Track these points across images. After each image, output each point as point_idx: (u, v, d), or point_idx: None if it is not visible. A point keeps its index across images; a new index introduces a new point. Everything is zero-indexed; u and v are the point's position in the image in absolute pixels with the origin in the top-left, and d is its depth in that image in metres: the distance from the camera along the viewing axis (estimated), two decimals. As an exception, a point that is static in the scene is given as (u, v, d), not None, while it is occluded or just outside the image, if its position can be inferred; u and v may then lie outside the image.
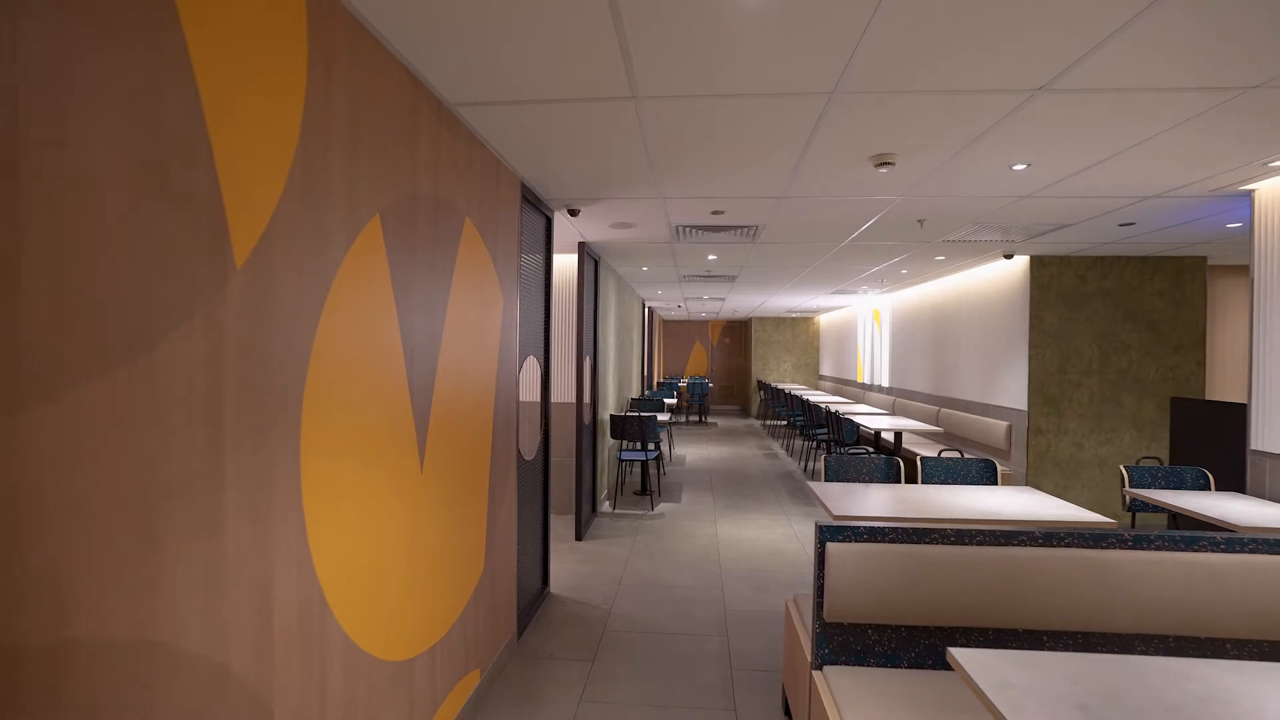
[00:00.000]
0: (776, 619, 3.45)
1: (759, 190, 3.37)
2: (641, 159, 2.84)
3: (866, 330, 10.43)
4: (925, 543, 2.03)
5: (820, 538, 2.06)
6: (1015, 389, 5.58)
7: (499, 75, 1.99)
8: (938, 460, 3.57)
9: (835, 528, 2.06)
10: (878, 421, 6.27)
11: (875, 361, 9.88)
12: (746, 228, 4.37)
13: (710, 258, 5.78)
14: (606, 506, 5.96)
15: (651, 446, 6.01)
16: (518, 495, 3.20)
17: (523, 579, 3.32)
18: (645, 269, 6.55)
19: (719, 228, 4.36)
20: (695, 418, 14.22)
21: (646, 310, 11.23)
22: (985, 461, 3.56)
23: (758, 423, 13.59)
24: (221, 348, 1.18)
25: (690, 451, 9.40)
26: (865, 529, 2.05)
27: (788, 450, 9.64)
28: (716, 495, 6.51)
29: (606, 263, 5.99)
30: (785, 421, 11.41)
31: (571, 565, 4.32)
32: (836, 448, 6.93)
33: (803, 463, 8.45)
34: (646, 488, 6.41)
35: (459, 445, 2.39)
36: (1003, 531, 2.02)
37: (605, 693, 2.69)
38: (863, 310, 10.62)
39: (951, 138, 2.52)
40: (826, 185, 3.26)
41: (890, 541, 2.04)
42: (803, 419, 8.80)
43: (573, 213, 3.89)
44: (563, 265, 5.61)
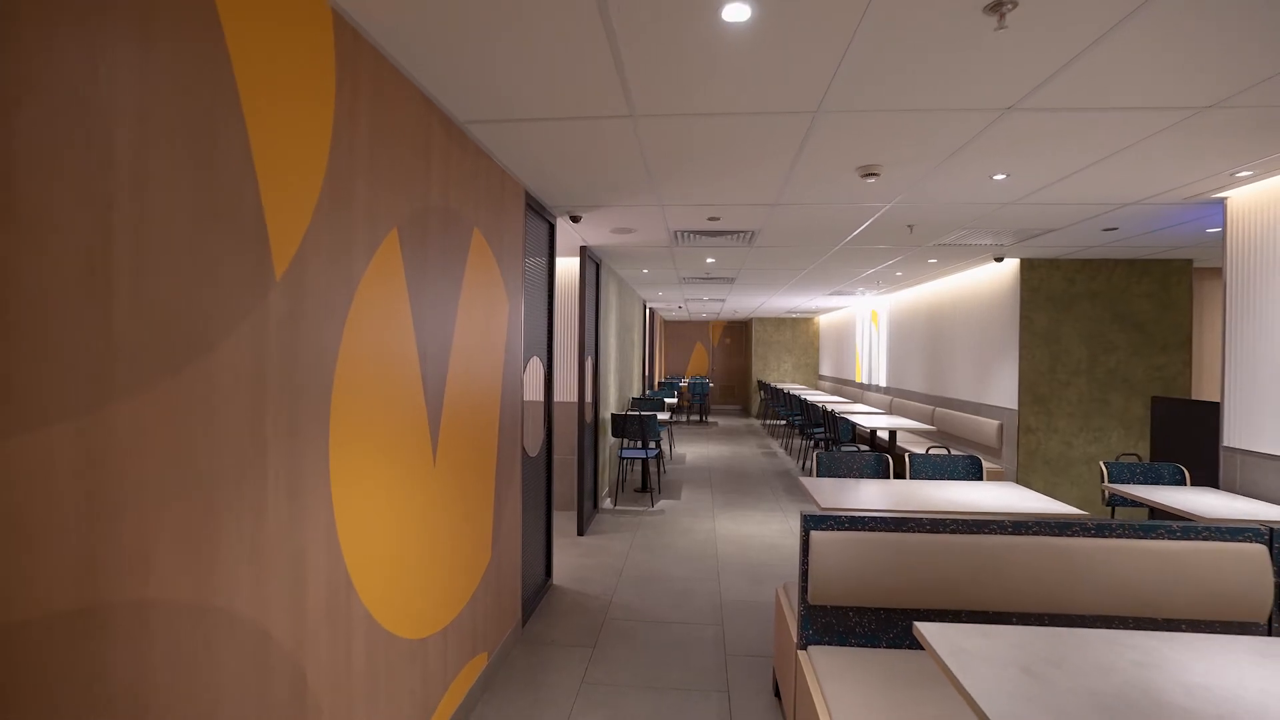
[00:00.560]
0: (770, 609, 3.60)
1: (753, 198, 3.52)
2: (640, 170, 3.00)
3: (864, 331, 10.58)
4: (903, 531, 2.18)
5: (805, 526, 2.21)
6: (1006, 388, 5.73)
7: (505, 96, 2.15)
8: (925, 457, 3.72)
9: (819, 517, 2.21)
10: (873, 421, 6.42)
11: (873, 362, 10.03)
12: (742, 233, 4.52)
13: (709, 261, 5.93)
14: (608, 503, 6.12)
15: (652, 445, 6.16)
16: (522, 489, 3.36)
17: (527, 569, 3.47)
18: (646, 271, 6.71)
19: (716, 233, 4.52)
20: (696, 417, 14.37)
21: (648, 311, 11.39)
22: (971, 458, 3.71)
23: (758, 422, 13.73)
24: (264, 351, 1.33)
25: (690, 450, 9.55)
26: (847, 518, 2.21)
27: (786, 449, 9.78)
28: (715, 492, 6.66)
29: (608, 266, 6.15)
30: (785, 421, 11.56)
31: (573, 558, 4.48)
32: (833, 446, 7.08)
33: (801, 461, 8.60)
34: (647, 485, 6.57)
35: (468, 441, 2.55)
36: (974, 521, 2.17)
37: (605, 675, 2.84)
38: (861, 311, 10.76)
39: (932, 151, 2.67)
40: (817, 194, 3.41)
41: (870, 530, 2.19)
42: (801, 418, 8.95)
43: (574, 219, 4.04)
44: (565, 268, 5.76)
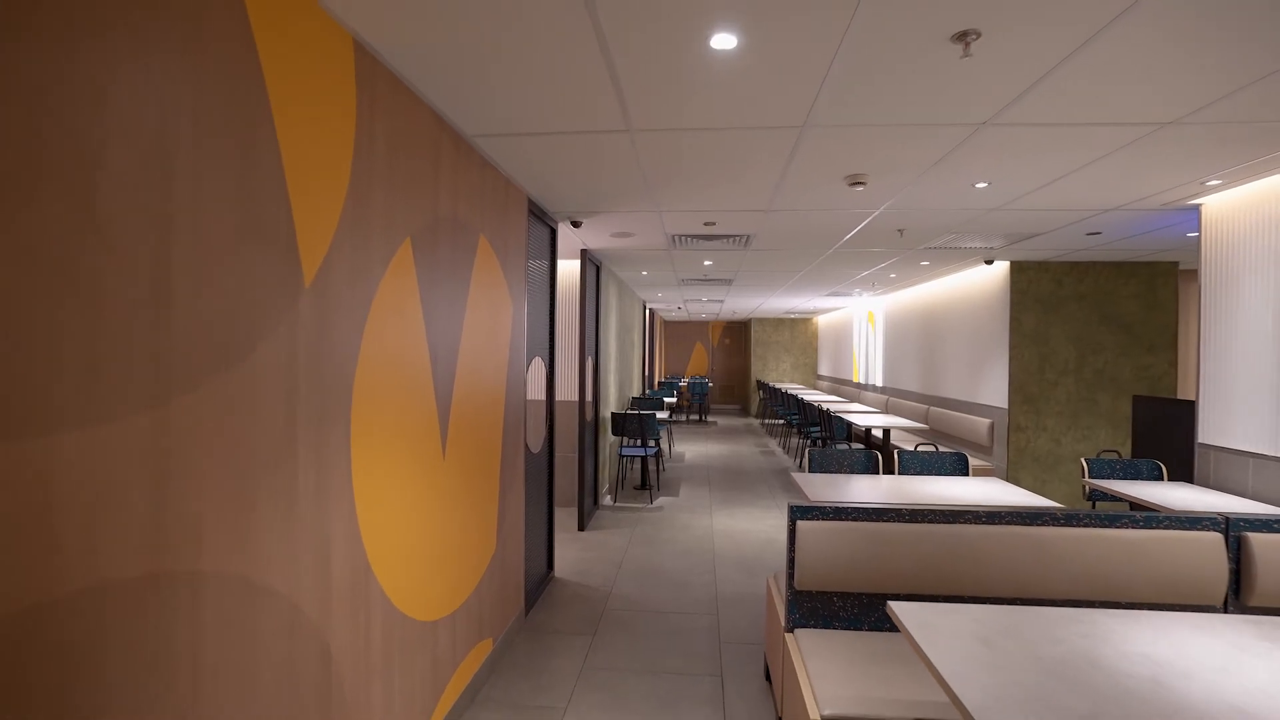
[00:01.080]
0: (763, 600, 3.74)
1: (747, 205, 3.66)
2: (637, 179, 3.14)
3: (861, 331, 10.72)
4: (883, 521, 2.32)
5: (792, 516, 2.35)
6: (997, 388, 5.87)
7: (510, 114, 2.29)
8: (914, 453, 3.86)
9: (805, 507, 2.35)
10: (867, 419, 6.56)
11: (870, 362, 10.17)
12: (738, 236, 4.66)
13: (706, 263, 6.08)
14: (608, 500, 6.26)
15: (651, 443, 6.31)
16: (525, 484, 3.50)
17: (530, 560, 3.62)
18: (645, 273, 6.85)
19: (712, 237, 4.66)
20: (696, 417, 14.52)
21: (648, 312, 11.53)
22: (958, 454, 3.85)
23: (757, 422, 13.88)
24: (295, 352, 1.48)
25: (690, 449, 9.69)
26: (831, 508, 2.35)
27: (784, 448, 9.92)
28: (713, 490, 6.80)
29: (608, 268, 6.29)
30: (783, 420, 11.70)
31: (574, 552, 4.62)
32: (827, 444, 7.22)
33: (798, 460, 8.74)
34: (646, 482, 6.71)
35: (475, 436, 2.69)
36: (950, 510, 2.32)
37: (605, 661, 2.98)
38: (858, 312, 10.90)
39: (914, 162, 2.81)
40: (808, 201, 3.55)
41: (853, 520, 2.33)
42: (798, 417, 9.09)
43: (575, 224, 4.19)
44: (566, 271, 5.91)
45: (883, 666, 2.04)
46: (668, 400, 8.46)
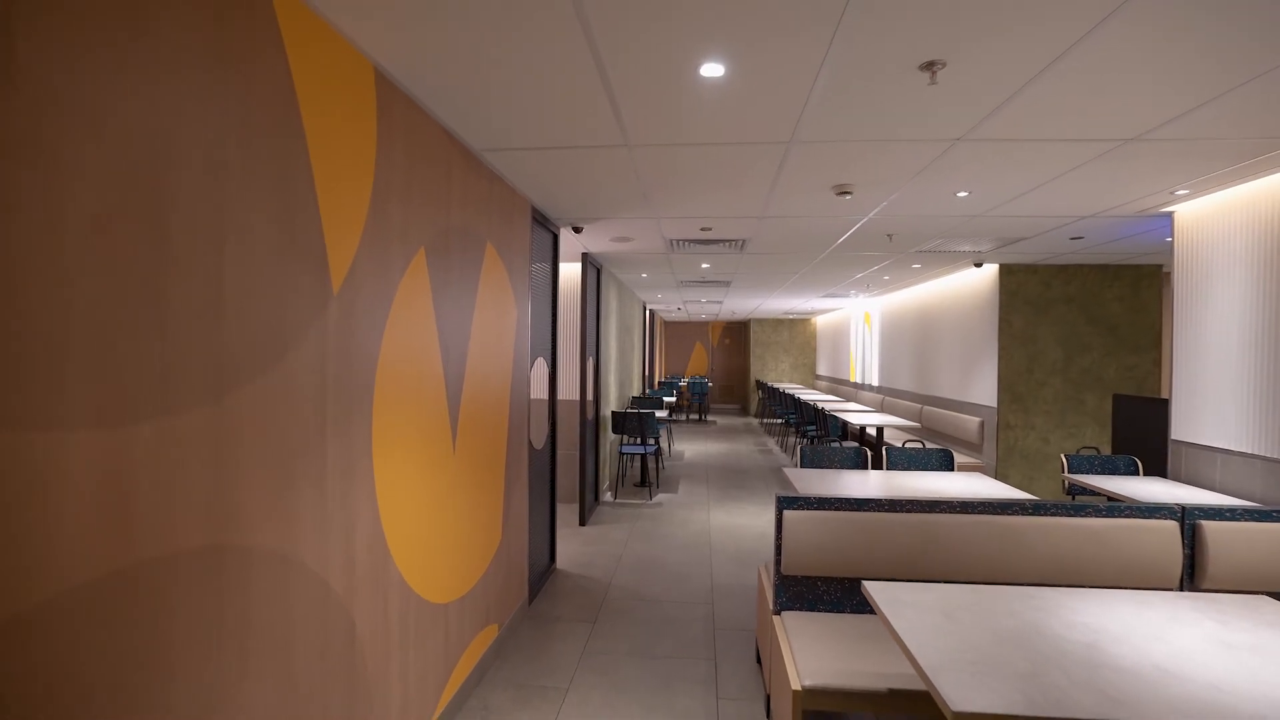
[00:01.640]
0: (756, 590, 3.91)
1: (741, 212, 3.83)
2: (635, 189, 3.31)
3: (858, 332, 10.88)
4: (864, 510, 2.48)
5: (779, 506, 2.52)
6: (987, 387, 6.03)
7: (516, 130, 2.46)
8: (901, 450, 4.02)
9: (791, 498, 2.52)
10: (861, 418, 6.72)
11: (866, 361, 10.33)
12: (734, 241, 4.83)
13: (704, 266, 6.24)
14: (608, 496, 6.42)
15: (650, 441, 6.47)
16: (528, 480, 3.67)
17: (533, 552, 3.78)
18: (645, 275, 7.02)
19: (709, 241, 4.82)
20: (695, 416, 14.68)
21: (648, 313, 11.69)
22: (944, 451, 4.01)
23: (756, 421, 14.04)
24: (325, 353, 1.64)
25: (689, 448, 9.86)
26: (816, 499, 2.51)
27: (782, 447, 10.08)
28: (712, 487, 6.97)
29: (608, 270, 6.46)
30: (781, 420, 11.87)
31: (575, 546, 4.79)
32: (821, 441, 7.38)
33: (795, 458, 8.90)
34: (646, 479, 6.87)
35: (482, 433, 2.86)
36: (926, 501, 2.48)
37: (605, 646, 3.15)
38: (855, 313, 11.06)
39: (896, 174, 2.97)
40: (799, 208, 3.71)
41: (836, 509, 2.49)
42: (796, 416, 9.25)
43: (576, 230, 4.35)
44: (568, 274, 6.07)
45: (861, 644, 2.20)
46: (667, 400, 8.63)
